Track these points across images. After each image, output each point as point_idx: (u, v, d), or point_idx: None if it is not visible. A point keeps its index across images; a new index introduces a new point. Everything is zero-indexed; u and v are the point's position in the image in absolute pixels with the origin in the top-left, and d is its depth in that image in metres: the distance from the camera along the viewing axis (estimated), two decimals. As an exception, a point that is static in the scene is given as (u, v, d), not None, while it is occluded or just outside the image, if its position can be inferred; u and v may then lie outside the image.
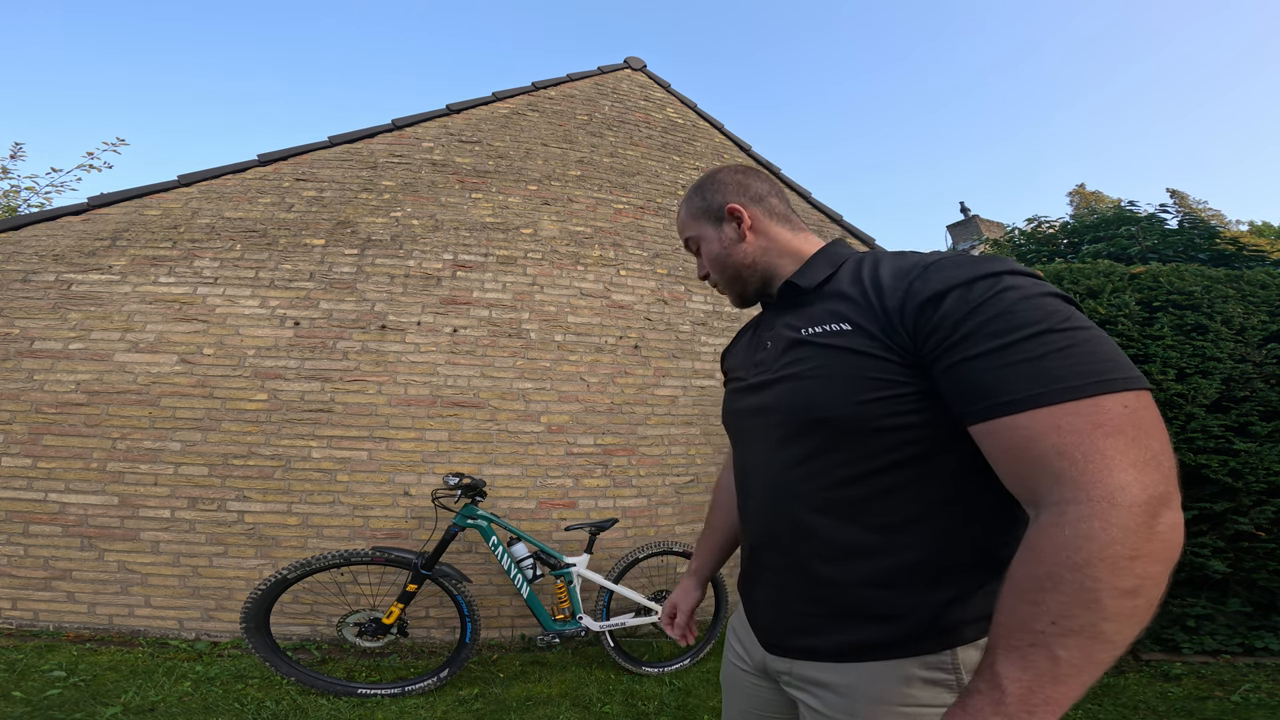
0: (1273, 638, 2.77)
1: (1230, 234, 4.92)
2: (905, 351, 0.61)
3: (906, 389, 0.61)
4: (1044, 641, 0.46)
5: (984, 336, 0.54)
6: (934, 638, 0.63)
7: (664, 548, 2.81)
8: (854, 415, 0.63)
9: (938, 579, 0.63)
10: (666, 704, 2.36)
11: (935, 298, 0.58)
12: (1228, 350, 2.82)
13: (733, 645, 0.90)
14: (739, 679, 0.87)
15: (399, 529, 2.98)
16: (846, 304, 0.68)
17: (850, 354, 0.64)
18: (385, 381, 3.17)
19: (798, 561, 0.70)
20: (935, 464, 0.62)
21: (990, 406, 0.53)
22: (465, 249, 3.55)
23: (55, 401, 2.89)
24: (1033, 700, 0.45)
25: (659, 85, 4.74)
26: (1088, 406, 0.49)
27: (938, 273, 0.60)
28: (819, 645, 0.69)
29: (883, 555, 0.64)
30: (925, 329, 0.58)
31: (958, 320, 0.56)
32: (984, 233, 11.70)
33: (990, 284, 0.56)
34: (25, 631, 2.65)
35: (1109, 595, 0.44)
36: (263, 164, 3.55)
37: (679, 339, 3.75)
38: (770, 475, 0.74)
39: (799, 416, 0.68)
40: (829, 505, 0.67)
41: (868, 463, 0.64)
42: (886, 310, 0.62)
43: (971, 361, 0.55)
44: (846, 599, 0.67)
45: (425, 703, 2.29)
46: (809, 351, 0.69)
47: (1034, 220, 5.79)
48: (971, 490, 0.62)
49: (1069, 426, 0.49)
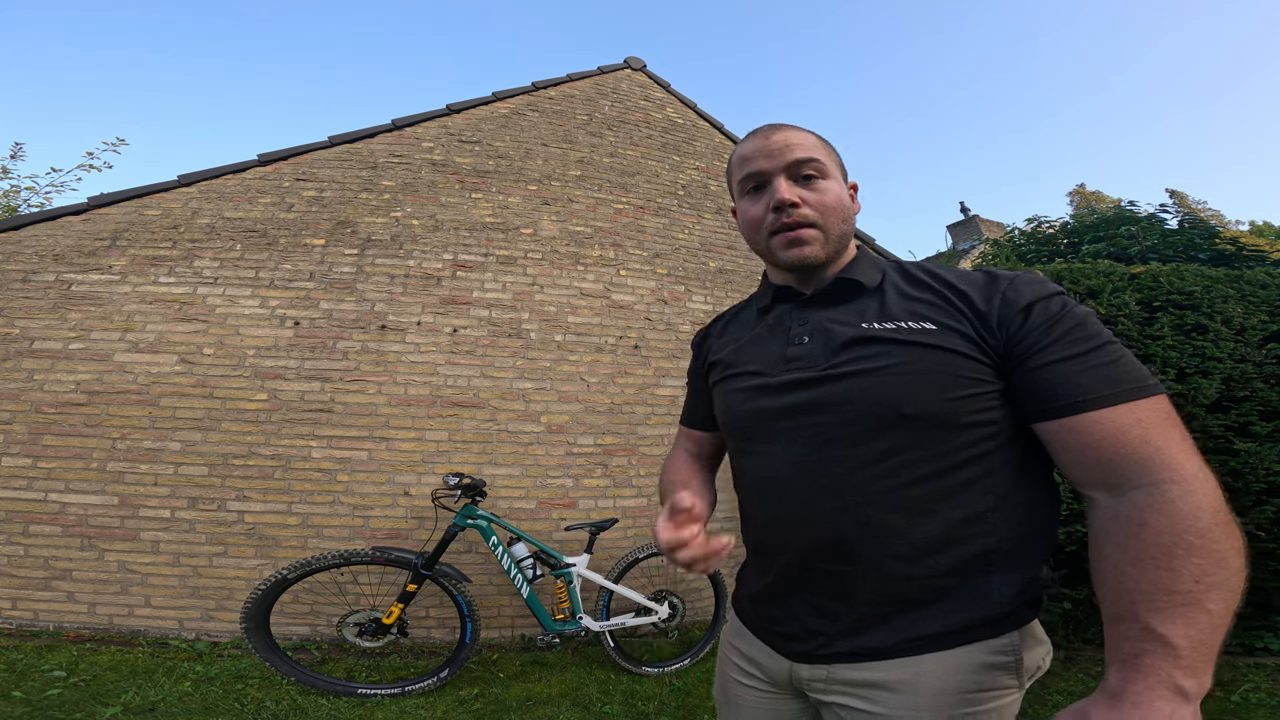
0: (1273, 638, 2.77)
1: (1230, 234, 4.91)
2: (995, 353, 0.66)
3: (990, 387, 0.66)
4: (1194, 599, 0.51)
5: (1068, 343, 0.62)
6: (997, 623, 0.66)
7: (664, 548, 2.81)
8: (943, 411, 0.65)
9: (1003, 565, 0.67)
10: (666, 704, 2.36)
11: (1028, 307, 0.65)
12: (1228, 350, 2.82)
13: (734, 660, 0.84)
14: (745, 695, 0.81)
15: (399, 529, 2.98)
16: (921, 304, 0.71)
17: (941, 351, 0.66)
18: (385, 381, 3.17)
19: (867, 563, 0.67)
20: (1004, 457, 0.67)
21: (1077, 403, 0.60)
22: (465, 249, 3.55)
23: (55, 401, 2.89)
24: (1202, 651, 0.50)
25: (659, 85, 4.74)
26: (1154, 403, 0.58)
27: (1024, 285, 0.67)
28: (881, 644, 0.67)
29: (958, 546, 0.66)
30: (1018, 333, 0.65)
31: (1045, 327, 0.63)
32: (984, 232, 11.70)
33: (1062, 300, 0.65)
34: (25, 631, 2.65)
35: (1231, 553, 0.52)
36: (263, 164, 3.55)
37: (679, 339, 3.75)
38: (828, 476, 0.69)
39: (881, 412, 0.67)
40: (906, 503, 0.66)
41: (948, 458, 0.66)
42: (980, 313, 0.67)
43: (1060, 364, 0.62)
44: (919, 592, 0.67)
45: (425, 703, 2.29)
46: (886, 348, 0.68)
47: (1034, 220, 5.78)
48: (1030, 482, 0.68)
49: (1148, 420, 0.57)
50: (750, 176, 0.78)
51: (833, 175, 0.77)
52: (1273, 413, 2.81)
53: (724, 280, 4.05)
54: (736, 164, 0.81)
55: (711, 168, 4.48)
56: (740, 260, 4.18)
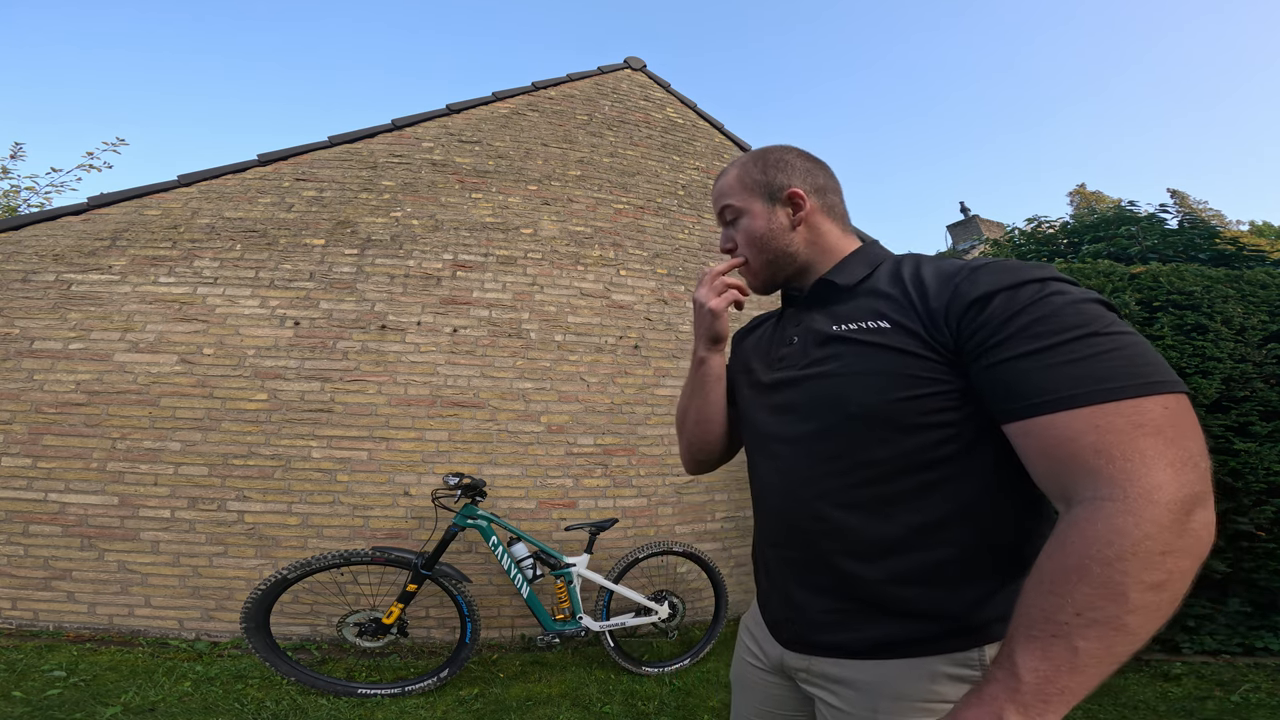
0: (1273, 638, 2.77)
1: (1230, 234, 4.91)
2: (946, 350, 0.62)
3: (945, 387, 0.62)
4: (1065, 633, 0.46)
5: (1028, 338, 0.55)
6: (963, 635, 0.64)
7: (664, 548, 2.81)
8: (891, 412, 0.64)
9: (968, 576, 0.64)
10: (666, 704, 2.36)
11: (982, 299, 0.59)
12: (1228, 350, 2.82)
13: (745, 643, 0.89)
14: (752, 677, 0.86)
15: (399, 529, 2.98)
16: (885, 302, 0.68)
17: (890, 351, 0.65)
18: (385, 381, 3.17)
19: (825, 559, 0.70)
20: (969, 462, 0.63)
21: (1031, 405, 0.54)
22: (465, 249, 3.55)
23: (55, 401, 2.89)
24: (1048, 690, 0.46)
25: (659, 85, 4.74)
26: (1129, 407, 0.50)
27: (986, 275, 0.61)
28: (845, 642, 0.69)
29: (915, 552, 0.64)
30: (969, 328, 0.60)
31: (1003, 321, 0.57)
32: (984, 233, 11.71)
33: (1037, 288, 0.57)
34: (25, 631, 2.65)
35: (1136, 589, 0.45)
36: (263, 164, 3.55)
37: (679, 339, 3.75)
38: (796, 472, 0.73)
39: (831, 412, 0.68)
40: (860, 502, 0.67)
41: (902, 460, 0.64)
42: (930, 310, 0.63)
43: (1014, 361, 0.56)
44: (877, 595, 0.66)
45: (425, 703, 2.29)
46: (843, 348, 0.69)
47: (1034, 220, 5.78)
48: (1002, 489, 0.63)
49: (1108, 426, 0.50)
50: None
51: (748, 210, 0.82)
52: (1273, 413, 2.81)
53: (724, 280, 4.04)
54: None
55: (711, 168, 4.48)
56: (740, 260, 4.17)
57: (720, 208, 0.85)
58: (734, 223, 0.84)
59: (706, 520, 3.51)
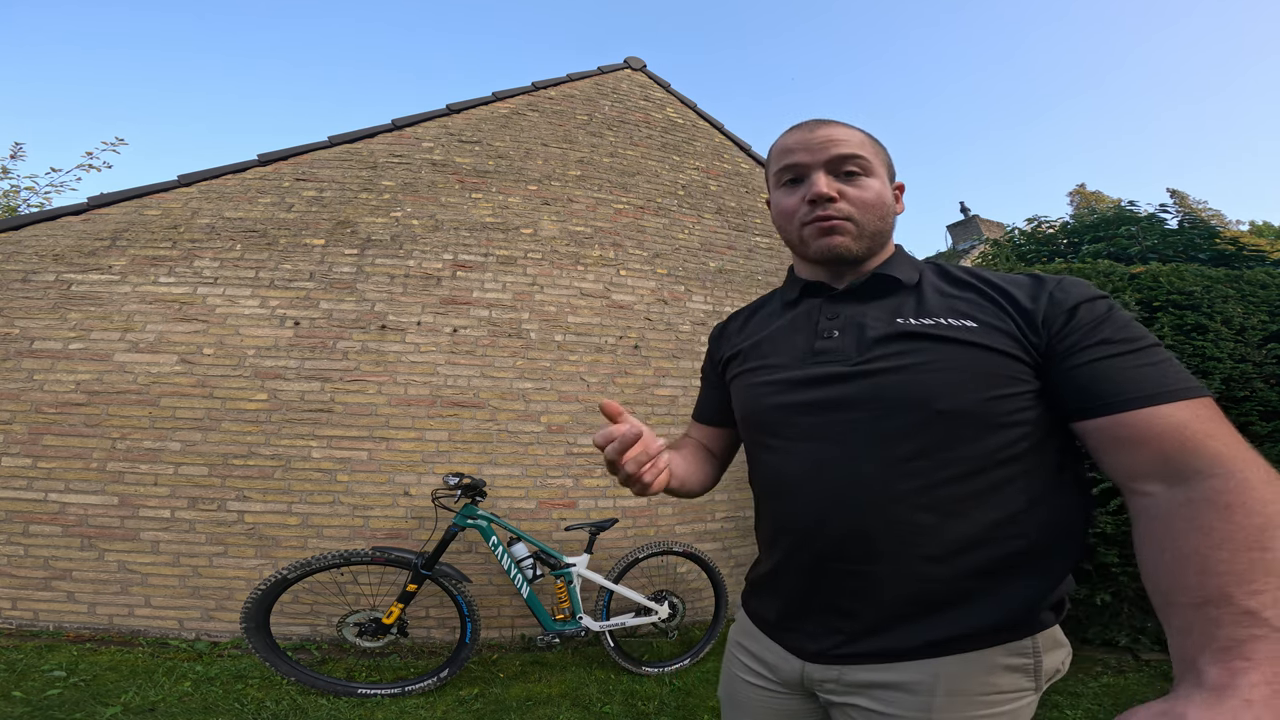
0: (1273, 638, 2.77)
1: (1230, 234, 4.91)
2: (1036, 351, 0.65)
3: (1029, 387, 0.65)
4: None
5: (1121, 342, 0.61)
6: (1020, 625, 0.65)
7: (664, 548, 2.81)
8: (981, 410, 0.65)
9: (1030, 569, 0.66)
10: (666, 704, 2.36)
11: (1075, 307, 0.64)
12: (1228, 350, 2.82)
13: (742, 660, 0.84)
14: (753, 696, 0.81)
15: (399, 529, 2.98)
16: (963, 302, 0.70)
17: (982, 350, 0.66)
18: (385, 381, 3.17)
19: (893, 563, 0.66)
20: (1040, 459, 0.66)
21: (1139, 398, 0.58)
22: (465, 249, 3.55)
23: (55, 401, 2.89)
24: None
25: (659, 85, 4.74)
26: (1207, 403, 0.57)
27: (1072, 287, 0.67)
28: (900, 645, 0.67)
29: (986, 548, 0.65)
30: (1063, 331, 0.64)
31: (1093, 326, 0.63)
32: (984, 232, 11.71)
33: (1108, 303, 0.65)
34: (25, 631, 2.65)
35: None
36: (263, 164, 3.55)
37: (679, 339, 3.75)
38: (856, 473, 0.68)
39: (915, 409, 0.66)
40: (937, 502, 0.65)
41: (984, 458, 0.65)
42: (1025, 312, 0.66)
43: (1113, 359, 0.61)
44: (942, 594, 0.65)
45: (425, 703, 2.29)
46: (925, 344, 0.67)
47: (1034, 220, 5.79)
48: (1062, 483, 0.67)
49: (1206, 416, 0.56)
50: (788, 168, 0.77)
51: (876, 173, 0.76)
52: (1273, 413, 2.81)
53: (724, 280, 4.05)
54: (776, 154, 0.80)
55: (711, 168, 4.48)
56: (740, 260, 4.18)
57: (842, 153, 0.74)
58: (854, 177, 0.75)
59: (706, 520, 3.51)
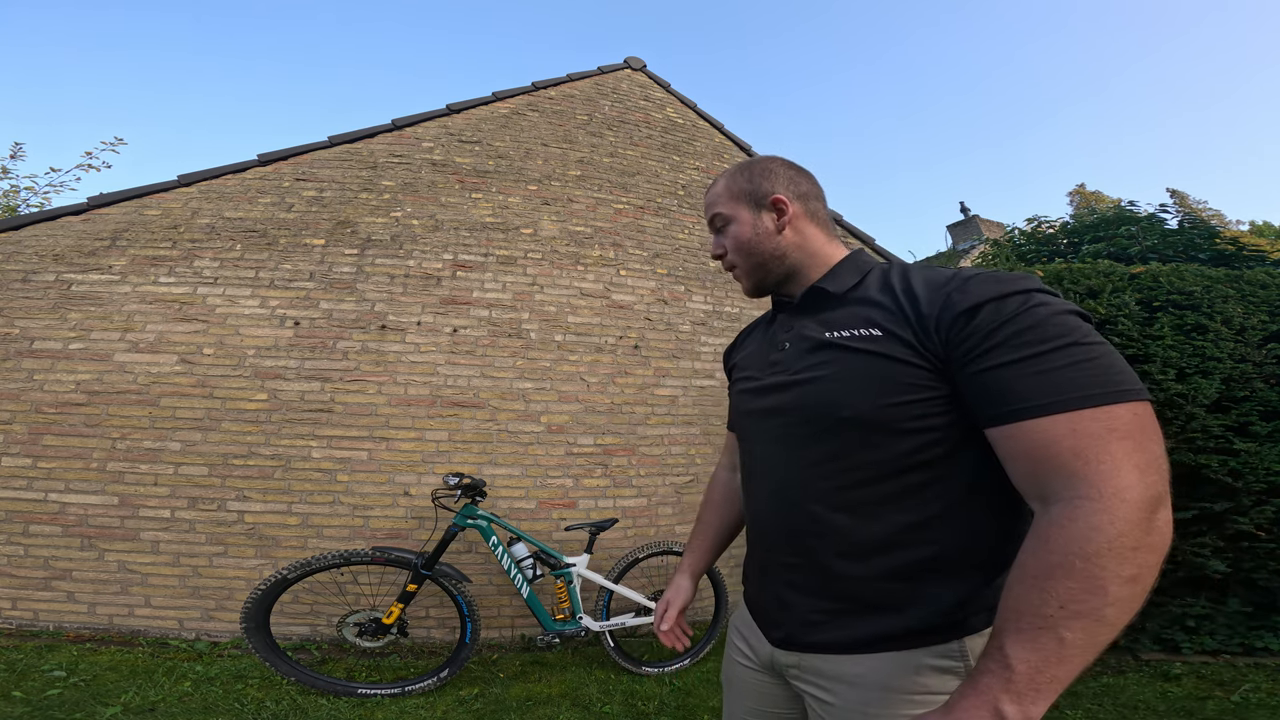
0: (1273, 638, 2.77)
1: (1230, 234, 4.90)
2: (935, 358, 0.65)
3: (933, 393, 0.65)
4: (1052, 625, 0.50)
5: (1013, 347, 0.59)
6: (945, 628, 0.67)
7: (664, 548, 2.81)
8: (882, 416, 0.66)
9: (951, 573, 0.67)
10: (666, 704, 2.36)
11: (972, 309, 0.62)
12: (1228, 350, 2.82)
13: (735, 643, 0.91)
14: (743, 676, 0.88)
15: (399, 529, 2.98)
16: (877, 310, 0.71)
17: (880, 358, 0.67)
18: (385, 381, 3.17)
19: (815, 559, 0.73)
20: (953, 465, 0.66)
21: (1014, 410, 0.58)
22: (465, 249, 3.55)
23: (55, 401, 2.89)
24: (1039, 679, 0.49)
25: (659, 85, 4.74)
26: (1103, 414, 0.54)
27: (976, 286, 0.64)
28: (834, 639, 0.72)
29: (902, 550, 0.68)
30: (958, 337, 0.63)
31: (990, 330, 0.60)
32: (984, 233, 11.70)
33: (1022, 300, 0.61)
34: (25, 631, 2.65)
35: (1114, 582, 0.49)
36: (263, 164, 3.55)
37: (679, 339, 3.75)
38: (787, 474, 0.76)
39: (824, 416, 0.71)
40: (850, 503, 0.70)
41: (892, 463, 0.67)
42: (922, 318, 0.66)
43: (1000, 369, 0.59)
44: (864, 593, 0.70)
45: (425, 703, 2.29)
46: (836, 354, 0.72)
47: (1034, 220, 5.79)
48: (983, 490, 0.66)
49: (1084, 430, 0.54)
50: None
51: (736, 217, 0.85)
52: (1273, 413, 2.81)
53: (724, 280, 4.05)
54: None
55: (712, 168, 4.48)
56: (740, 260, 4.17)
57: (710, 216, 0.89)
58: (723, 230, 0.88)
59: (706, 520, 3.50)
